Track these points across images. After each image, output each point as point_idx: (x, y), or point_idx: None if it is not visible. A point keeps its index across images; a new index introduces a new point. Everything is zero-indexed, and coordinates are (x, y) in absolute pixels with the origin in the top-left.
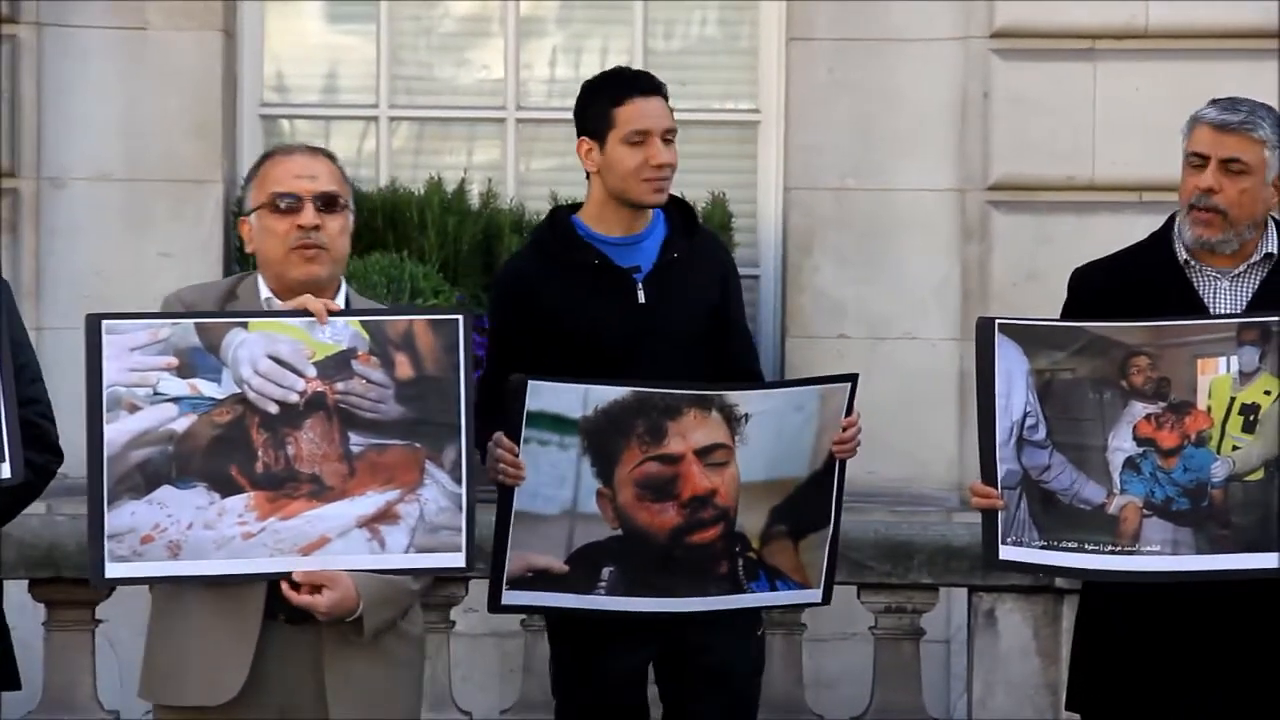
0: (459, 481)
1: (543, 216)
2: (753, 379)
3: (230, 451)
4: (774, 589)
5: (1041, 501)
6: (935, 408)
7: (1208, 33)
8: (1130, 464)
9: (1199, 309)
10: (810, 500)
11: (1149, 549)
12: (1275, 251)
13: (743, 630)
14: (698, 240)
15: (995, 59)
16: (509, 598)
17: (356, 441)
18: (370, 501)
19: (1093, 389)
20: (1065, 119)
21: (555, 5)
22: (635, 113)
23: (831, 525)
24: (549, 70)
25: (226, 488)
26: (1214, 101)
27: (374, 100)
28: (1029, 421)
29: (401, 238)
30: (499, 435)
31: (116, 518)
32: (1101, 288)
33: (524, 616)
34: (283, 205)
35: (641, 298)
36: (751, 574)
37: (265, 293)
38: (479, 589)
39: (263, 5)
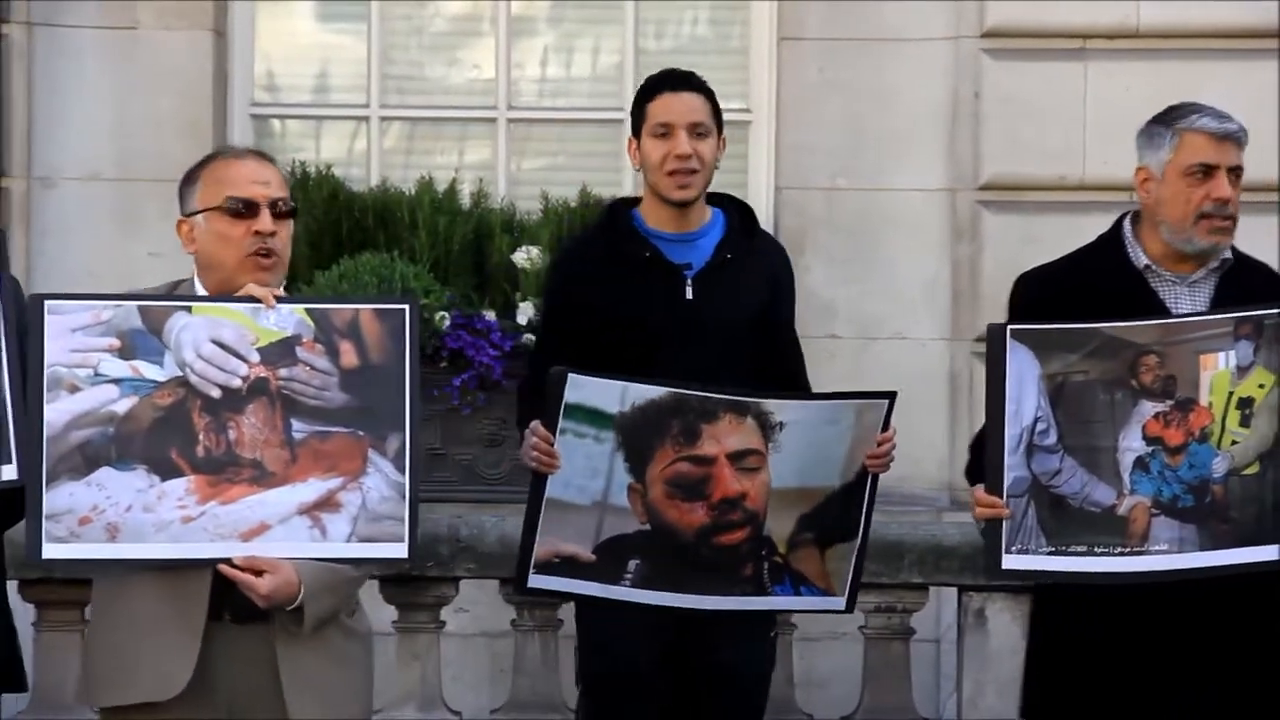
0: (402, 471)
1: (533, 217)
2: (796, 383)
3: (171, 434)
4: (798, 594)
5: (1051, 507)
6: (925, 408)
7: (1199, 33)
8: (1140, 463)
9: (1164, 314)
10: (840, 510)
11: (1157, 548)
12: (1230, 256)
13: (756, 632)
14: (756, 242)
15: (986, 59)
16: (535, 581)
17: (299, 428)
18: (312, 488)
19: (1104, 390)
20: (1056, 119)
21: (546, 5)
22: (661, 107)
23: (860, 537)
24: (540, 70)
25: (167, 471)
26: (1190, 109)
27: (365, 100)
28: (1040, 427)
29: (392, 237)
30: (536, 424)
31: (54, 498)
32: (1051, 295)
33: (514, 617)
34: (240, 210)
35: (689, 294)
36: (776, 578)
37: (202, 293)
38: (469, 589)
39: (253, 5)
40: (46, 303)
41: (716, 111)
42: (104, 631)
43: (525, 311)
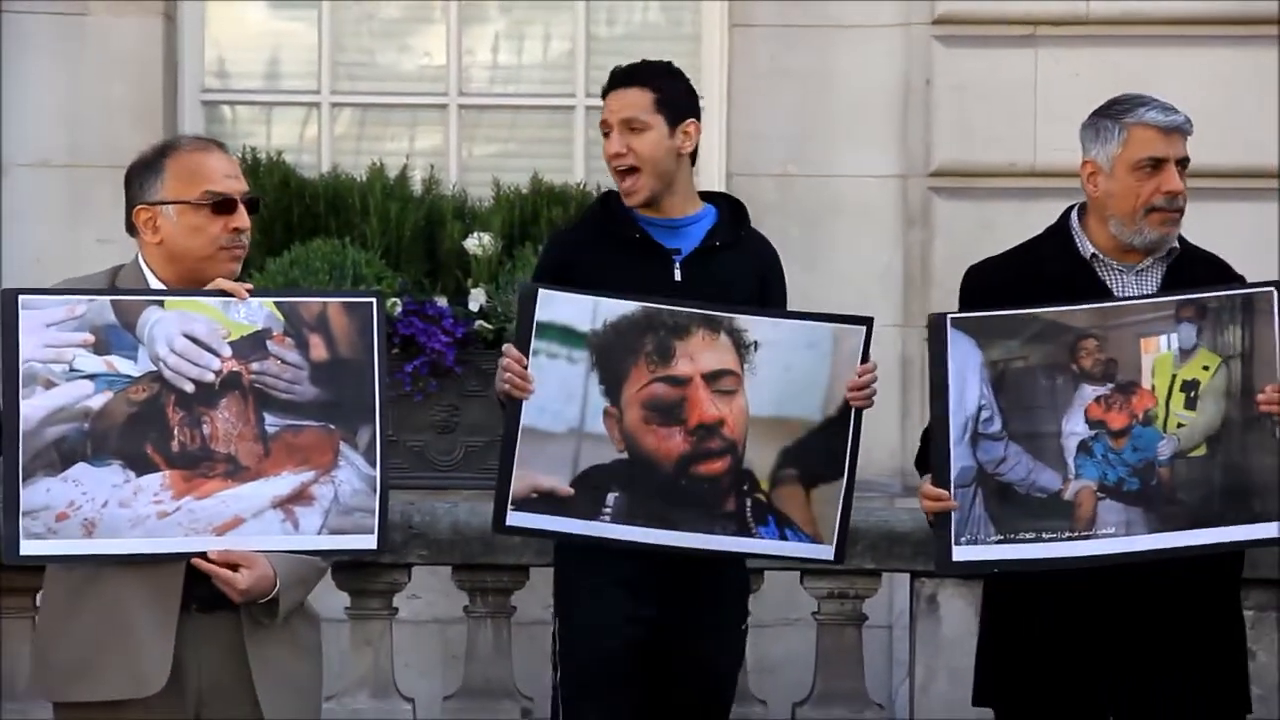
0: (373, 464)
1: (485, 203)
2: None
3: (146, 430)
4: (784, 538)
5: (997, 494)
6: (878, 394)
7: (1148, 19)
8: (1083, 447)
9: (1106, 299)
10: (823, 447)
11: (1104, 531)
12: (1177, 245)
13: (730, 624)
14: (745, 235)
15: (937, 46)
16: (513, 519)
17: (271, 422)
18: (285, 482)
19: (1045, 375)
20: (1007, 106)
21: None
22: (605, 107)
23: (845, 479)
24: (491, 56)
25: (142, 466)
26: (1136, 101)
27: (316, 86)
28: (984, 415)
29: (343, 224)
30: (508, 346)
31: (31, 495)
32: (1001, 284)
33: (467, 603)
34: (219, 206)
35: (678, 277)
36: (760, 518)
37: (155, 285)
38: (421, 576)
39: None
40: (21, 298)
41: (667, 101)
42: (69, 624)
43: (477, 298)
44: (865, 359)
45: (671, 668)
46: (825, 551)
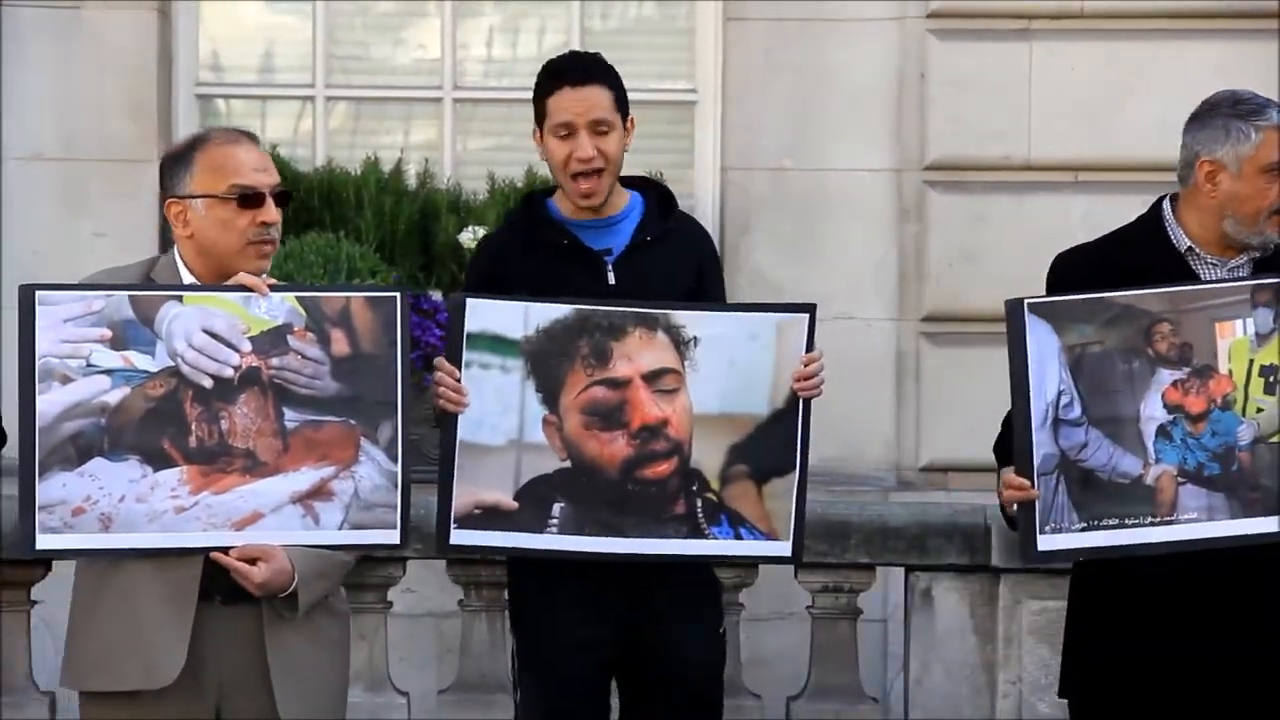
0: (394, 459)
1: (479, 197)
2: None
3: (163, 425)
4: (739, 537)
5: (1080, 481)
6: (872, 388)
7: (1143, 13)
8: (1162, 432)
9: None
10: (772, 441)
11: (1186, 517)
12: (1273, 245)
13: (706, 627)
14: (674, 224)
15: (931, 39)
16: (457, 536)
17: (291, 417)
18: (304, 477)
19: (1121, 359)
20: (1001, 99)
21: None
22: (561, 104)
23: (797, 471)
24: (485, 50)
25: (159, 461)
26: (1267, 104)
27: (310, 80)
28: (1064, 400)
29: (338, 218)
30: (439, 359)
31: (48, 489)
32: (1090, 272)
33: (461, 597)
34: (247, 200)
35: (612, 279)
36: (712, 518)
37: (189, 278)
38: (416, 569)
39: None
40: (38, 293)
41: (621, 98)
42: (89, 617)
43: None
44: (810, 348)
45: (646, 681)
46: (782, 548)
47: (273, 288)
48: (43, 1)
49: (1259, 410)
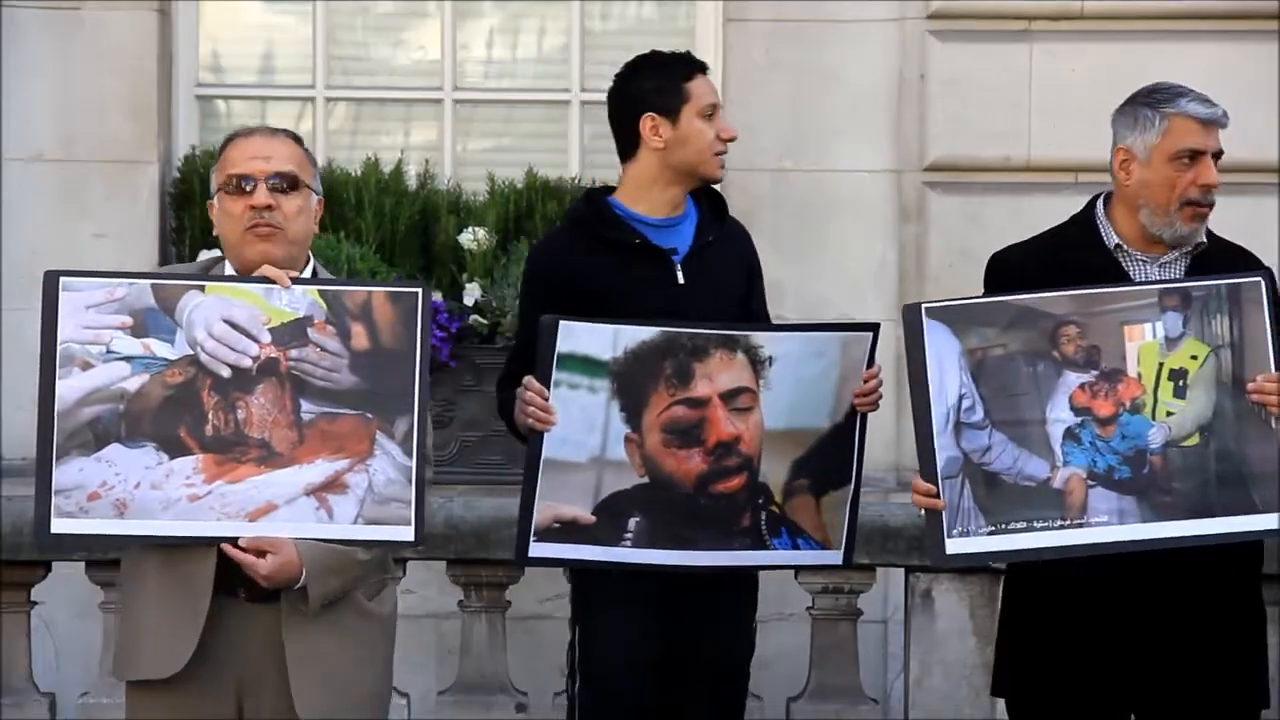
0: (409, 454)
1: (479, 198)
2: None
3: (180, 413)
4: (796, 547)
5: (985, 484)
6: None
7: (1143, 15)
8: (1070, 434)
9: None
10: (831, 454)
11: (1097, 520)
12: (1204, 240)
13: (742, 619)
14: (728, 227)
15: (931, 40)
16: (536, 550)
17: (308, 409)
18: (319, 470)
19: (1026, 362)
20: (1001, 101)
21: None
22: (706, 88)
23: (853, 484)
24: (486, 51)
25: (175, 449)
26: (1176, 92)
27: (310, 81)
28: (965, 404)
29: (338, 219)
30: (529, 378)
31: (64, 474)
32: (1023, 272)
33: (461, 598)
34: (239, 186)
35: (680, 278)
36: (774, 530)
37: (230, 273)
38: (416, 570)
39: None
40: (61, 279)
41: None
42: (126, 605)
43: (472, 293)
44: (870, 364)
45: (689, 669)
46: (834, 557)
47: (295, 280)
48: (43, 2)
49: (1169, 414)
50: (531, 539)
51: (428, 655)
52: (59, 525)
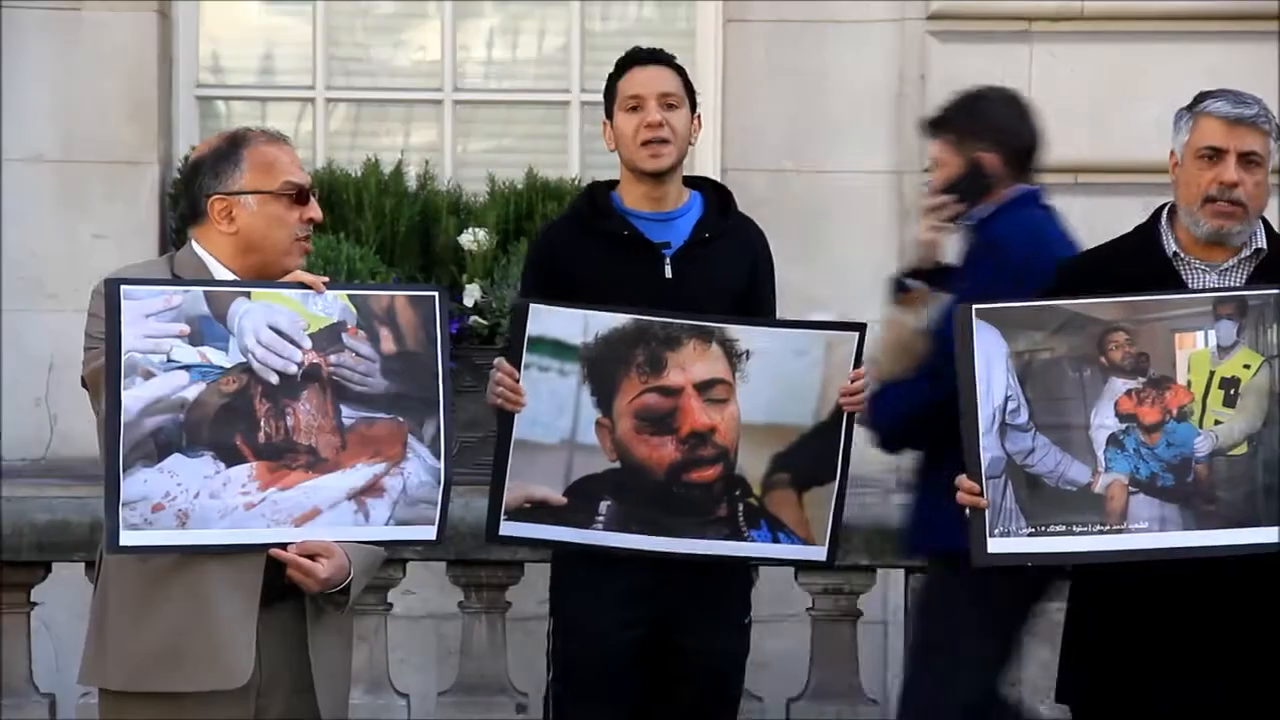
0: (438, 456)
1: (479, 199)
2: None
3: (235, 421)
4: (776, 541)
5: (1027, 486)
6: None
7: (1143, 15)
8: (1114, 440)
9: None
10: (815, 452)
11: (1137, 526)
12: (1264, 247)
13: (733, 619)
14: (732, 223)
15: (932, 41)
16: (506, 528)
17: (348, 414)
18: (360, 474)
19: (1072, 367)
20: None
21: None
22: (630, 81)
23: (838, 481)
24: (486, 52)
25: (231, 457)
26: (1213, 94)
27: (310, 82)
28: (1010, 405)
29: (338, 219)
30: (500, 360)
31: (130, 485)
32: (1085, 278)
33: (461, 599)
34: (298, 196)
35: (668, 273)
36: (752, 521)
37: (224, 274)
38: (416, 571)
39: None
40: (123, 288)
41: (688, 86)
42: (150, 614)
43: (472, 293)
44: (858, 365)
45: (675, 664)
46: (818, 553)
47: (328, 285)
48: (43, 2)
49: (1217, 422)
50: (502, 517)
51: (428, 656)
52: (128, 538)
